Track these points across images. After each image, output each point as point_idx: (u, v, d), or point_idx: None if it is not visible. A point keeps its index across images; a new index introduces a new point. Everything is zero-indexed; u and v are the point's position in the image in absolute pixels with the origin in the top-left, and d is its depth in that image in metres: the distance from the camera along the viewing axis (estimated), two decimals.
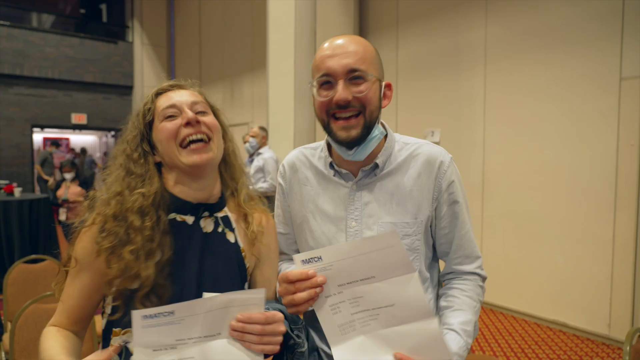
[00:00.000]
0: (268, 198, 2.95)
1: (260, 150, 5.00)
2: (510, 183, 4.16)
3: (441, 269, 1.21)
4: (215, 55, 8.96)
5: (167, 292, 0.95)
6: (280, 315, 0.88)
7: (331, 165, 1.14)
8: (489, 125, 4.31)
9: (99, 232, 0.96)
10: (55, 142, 9.68)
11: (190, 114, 0.99)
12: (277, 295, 1.00)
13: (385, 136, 1.13)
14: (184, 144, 0.99)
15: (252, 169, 4.82)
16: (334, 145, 1.09)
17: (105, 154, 12.77)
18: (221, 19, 8.68)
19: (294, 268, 0.94)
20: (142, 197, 0.97)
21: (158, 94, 1.06)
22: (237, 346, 0.86)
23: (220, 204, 1.07)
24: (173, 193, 1.02)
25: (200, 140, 0.99)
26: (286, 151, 4.83)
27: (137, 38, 10.55)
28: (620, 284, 3.41)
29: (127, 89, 10.60)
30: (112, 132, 11.53)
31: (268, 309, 0.95)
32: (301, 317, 1.05)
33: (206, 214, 1.04)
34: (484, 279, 1.15)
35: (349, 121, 1.02)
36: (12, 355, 1.94)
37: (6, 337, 2.35)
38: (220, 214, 1.07)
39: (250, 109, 7.88)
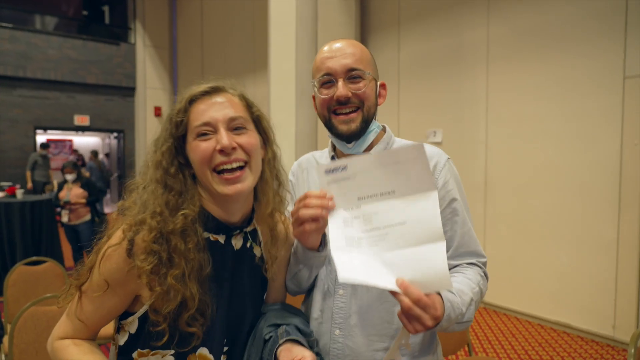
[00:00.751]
0: None
1: None
2: (513, 183, 4.13)
3: None
4: (217, 56, 8.96)
5: (209, 308, 0.94)
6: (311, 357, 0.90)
7: (333, 159, 1.21)
8: (491, 125, 4.29)
9: (136, 254, 0.89)
10: (44, 144, 9.08)
11: (225, 140, 0.91)
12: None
13: (384, 131, 1.20)
14: (218, 170, 0.93)
15: None
16: (334, 140, 1.16)
17: (107, 155, 12.78)
18: (223, 20, 8.69)
19: None
20: (184, 218, 0.92)
21: (191, 100, 0.96)
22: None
23: (250, 220, 1.05)
24: (208, 210, 0.98)
25: (236, 168, 0.93)
26: (288, 151, 4.83)
27: (140, 39, 10.57)
28: (625, 284, 3.38)
29: (129, 91, 10.62)
30: (115, 134, 11.54)
31: (289, 332, 0.97)
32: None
33: (237, 231, 1.02)
34: (486, 274, 1.12)
35: (348, 115, 1.10)
36: (12, 357, 1.93)
37: (6, 339, 2.35)
38: (249, 228, 1.05)
39: None
